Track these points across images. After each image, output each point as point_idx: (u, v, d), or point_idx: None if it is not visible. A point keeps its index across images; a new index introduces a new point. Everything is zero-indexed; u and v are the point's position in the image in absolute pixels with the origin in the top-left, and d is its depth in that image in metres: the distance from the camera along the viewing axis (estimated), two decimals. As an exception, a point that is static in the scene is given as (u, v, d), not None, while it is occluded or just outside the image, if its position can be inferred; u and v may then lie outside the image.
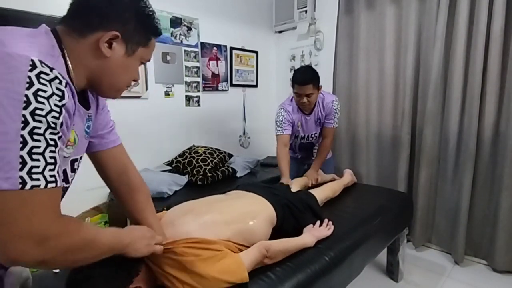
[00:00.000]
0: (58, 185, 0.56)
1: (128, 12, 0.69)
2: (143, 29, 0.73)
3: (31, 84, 0.51)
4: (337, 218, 1.44)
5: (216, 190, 1.75)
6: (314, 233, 1.26)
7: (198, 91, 2.73)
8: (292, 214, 1.33)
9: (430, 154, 2.20)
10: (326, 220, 1.37)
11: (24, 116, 0.50)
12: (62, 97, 0.56)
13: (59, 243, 0.57)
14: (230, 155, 2.65)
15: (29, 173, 0.51)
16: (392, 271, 1.93)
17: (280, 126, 2.01)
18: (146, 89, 2.35)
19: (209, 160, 2.39)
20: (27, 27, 0.61)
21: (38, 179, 0.52)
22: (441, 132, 2.18)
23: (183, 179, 2.26)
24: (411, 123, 2.31)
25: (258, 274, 1.01)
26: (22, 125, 0.50)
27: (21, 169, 0.50)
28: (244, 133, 3.20)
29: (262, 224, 1.19)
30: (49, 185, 0.54)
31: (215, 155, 2.48)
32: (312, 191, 1.65)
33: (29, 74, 0.52)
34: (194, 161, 2.36)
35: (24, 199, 0.51)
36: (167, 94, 2.51)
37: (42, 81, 0.53)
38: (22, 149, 0.50)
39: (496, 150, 1.96)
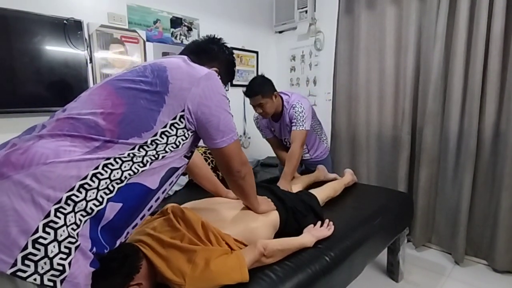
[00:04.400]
0: None
1: (225, 60, 1.09)
2: (229, 73, 1.13)
3: (224, 88, 0.95)
4: (337, 218, 1.43)
5: (216, 190, 1.74)
6: (314, 233, 1.26)
7: (199, 91, 2.73)
8: (295, 218, 1.33)
9: (430, 154, 2.20)
10: (326, 220, 1.37)
11: (228, 103, 0.95)
12: None
13: (249, 165, 1.06)
14: (231, 155, 2.65)
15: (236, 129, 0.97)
16: (392, 271, 1.93)
17: (261, 131, 2.25)
18: (147, 89, 2.35)
19: (209, 160, 2.39)
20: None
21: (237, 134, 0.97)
22: (442, 132, 2.18)
23: (184, 179, 2.26)
24: (411, 123, 2.31)
25: (258, 273, 1.01)
26: (229, 107, 0.94)
27: (235, 129, 0.96)
28: (244, 133, 3.19)
29: (264, 227, 1.19)
30: None
31: (215, 155, 2.48)
32: (313, 191, 1.65)
33: (220, 80, 0.93)
34: (194, 161, 2.35)
35: (239, 142, 0.97)
36: (167, 94, 2.51)
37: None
38: (232, 119, 0.94)
39: (497, 150, 1.95)
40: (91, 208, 0.70)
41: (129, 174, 0.77)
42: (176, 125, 0.84)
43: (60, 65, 1.90)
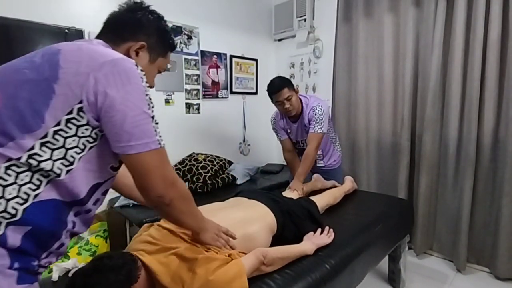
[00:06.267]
0: None
1: (152, 28, 0.86)
2: (163, 43, 0.89)
3: (143, 79, 0.71)
4: (337, 225, 1.43)
5: (216, 198, 1.74)
6: (314, 240, 1.26)
7: (198, 98, 2.75)
8: (292, 221, 1.32)
9: (430, 160, 2.20)
10: (326, 227, 1.36)
11: (147, 100, 0.71)
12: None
13: (180, 187, 0.79)
14: (230, 162, 2.65)
15: (158, 136, 0.72)
16: (393, 279, 1.91)
17: (276, 133, 2.21)
18: (147, 96, 2.37)
19: (209, 168, 2.39)
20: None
21: (162, 140, 0.73)
22: (441, 138, 2.18)
23: (183, 187, 2.25)
24: (410, 130, 2.31)
25: (258, 282, 1.00)
26: (147, 106, 0.70)
27: (155, 135, 0.71)
28: (244, 140, 3.20)
29: (262, 230, 1.18)
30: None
31: (215, 162, 2.48)
32: (312, 198, 1.64)
33: (139, 72, 0.71)
34: (194, 169, 2.36)
35: (162, 154, 0.72)
36: (167, 101, 2.52)
37: (143, 76, 0.72)
38: (151, 122, 0.71)
39: (496, 156, 1.95)
40: None
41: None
42: (74, 121, 0.65)
43: (60, 73, 1.91)
